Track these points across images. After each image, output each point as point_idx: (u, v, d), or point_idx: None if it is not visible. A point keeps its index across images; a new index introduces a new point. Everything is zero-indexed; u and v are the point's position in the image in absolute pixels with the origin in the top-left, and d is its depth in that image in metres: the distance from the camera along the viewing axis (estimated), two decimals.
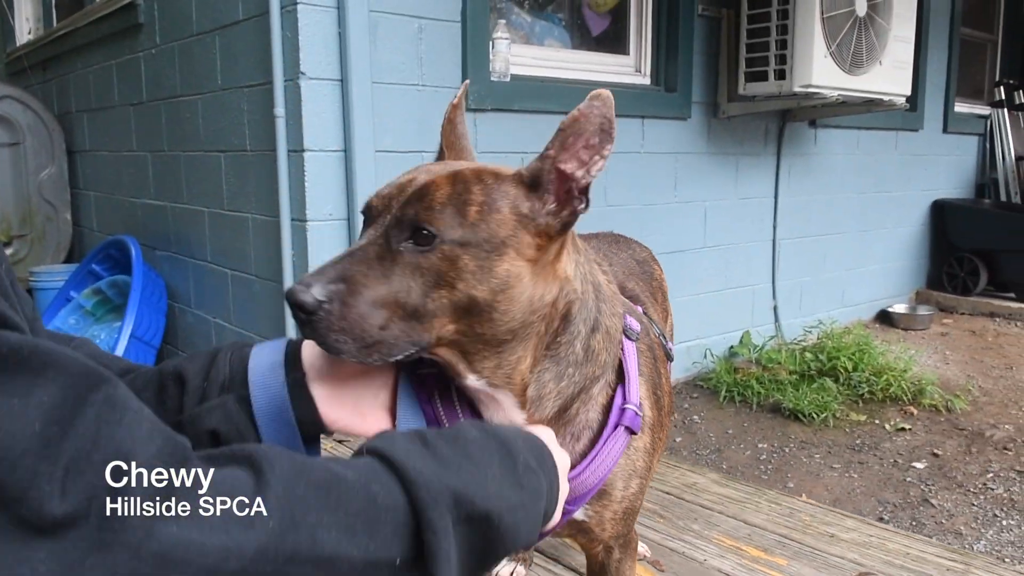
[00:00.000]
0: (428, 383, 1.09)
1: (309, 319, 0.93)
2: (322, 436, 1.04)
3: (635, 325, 1.24)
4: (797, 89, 4.00)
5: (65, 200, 5.08)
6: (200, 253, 3.79)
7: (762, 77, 4.12)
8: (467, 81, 1.19)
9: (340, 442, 2.82)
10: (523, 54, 3.70)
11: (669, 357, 1.42)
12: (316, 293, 0.93)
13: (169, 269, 4.09)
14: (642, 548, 2.01)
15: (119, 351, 3.63)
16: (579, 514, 1.17)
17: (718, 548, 2.04)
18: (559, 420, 1.12)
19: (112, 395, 0.59)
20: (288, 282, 3.12)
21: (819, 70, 3.97)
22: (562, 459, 0.99)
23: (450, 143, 1.16)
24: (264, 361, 0.99)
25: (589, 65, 3.99)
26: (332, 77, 3.01)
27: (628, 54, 4.18)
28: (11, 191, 4.87)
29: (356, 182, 3.04)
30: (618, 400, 1.15)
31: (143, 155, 4.21)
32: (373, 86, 3.06)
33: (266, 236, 3.26)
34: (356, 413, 1.03)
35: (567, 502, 1.09)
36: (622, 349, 1.18)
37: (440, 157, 1.16)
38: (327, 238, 3.09)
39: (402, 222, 0.99)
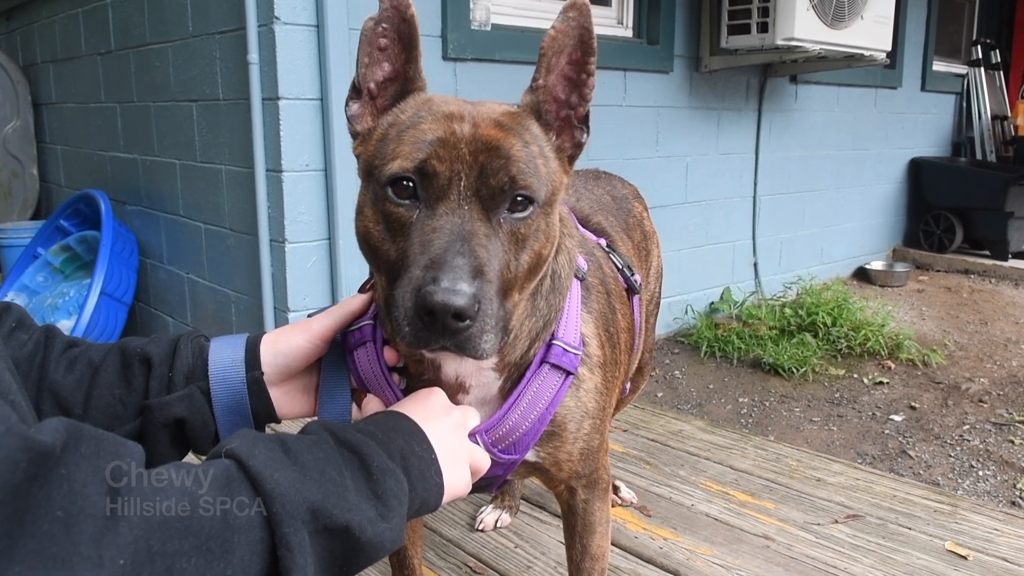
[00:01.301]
0: (360, 362, 1.07)
1: (463, 328, 0.82)
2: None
3: (581, 262, 1.18)
4: (779, 42, 3.97)
5: (31, 154, 4.94)
6: (172, 207, 3.70)
7: (745, 30, 4.07)
8: None
9: None
10: (504, 3, 3.61)
11: (633, 290, 1.36)
12: (468, 291, 0.80)
13: (140, 224, 4.00)
14: (628, 494, 1.99)
15: (89, 308, 3.55)
16: (532, 455, 1.11)
17: (705, 493, 2.03)
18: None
19: None
20: (264, 235, 3.05)
21: (801, 23, 3.94)
22: (457, 418, 0.98)
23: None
24: (224, 356, 1.02)
25: None
26: (308, 23, 2.92)
27: (610, 5, 4.11)
28: None
29: (333, 131, 2.97)
30: (546, 337, 1.08)
31: (112, 106, 4.08)
32: (350, 32, 2.98)
33: (240, 188, 3.18)
34: (306, 402, 1.10)
35: (504, 450, 1.06)
36: None
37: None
38: (304, 189, 3.02)
39: (503, 192, 0.89)
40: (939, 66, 6.47)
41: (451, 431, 0.96)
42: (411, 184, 0.89)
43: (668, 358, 4.27)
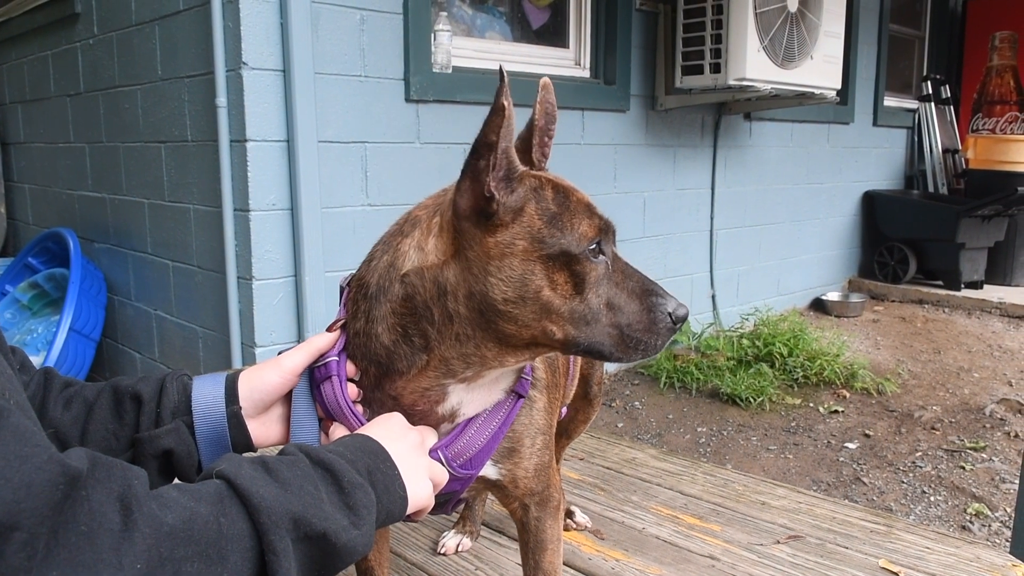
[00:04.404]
0: (327, 394, 1.17)
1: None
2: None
3: None
4: (731, 82, 4.13)
5: None
6: (140, 245, 3.76)
7: (698, 71, 4.23)
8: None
9: None
10: (465, 46, 3.74)
11: None
12: None
13: (108, 262, 4.04)
14: (583, 519, 2.07)
15: (57, 345, 3.59)
16: (493, 473, 1.23)
17: (656, 517, 2.11)
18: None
19: (17, 425, 0.63)
20: (232, 272, 3.12)
21: (752, 64, 4.10)
22: (415, 438, 1.09)
23: None
24: (206, 393, 1.12)
25: (530, 58, 4.06)
26: (274, 67, 3.02)
27: (568, 47, 4.26)
28: None
29: (299, 172, 3.06)
30: None
31: (80, 146, 4.14)
32: (316, 76, 3.08)
33: (208, 226, 3.25)
34: (279, 432, 1.19)
35: (462, 466, 1.17)
36: None
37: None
38: (270, 228, 3.09)
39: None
40: (890, 101, 6.70)
41: (411, 449, 1.06)
42: (597, 244, 1.08)
43: (628, 389, 4.36)
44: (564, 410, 1.69)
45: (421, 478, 1.04)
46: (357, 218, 3.29)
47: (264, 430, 1.18)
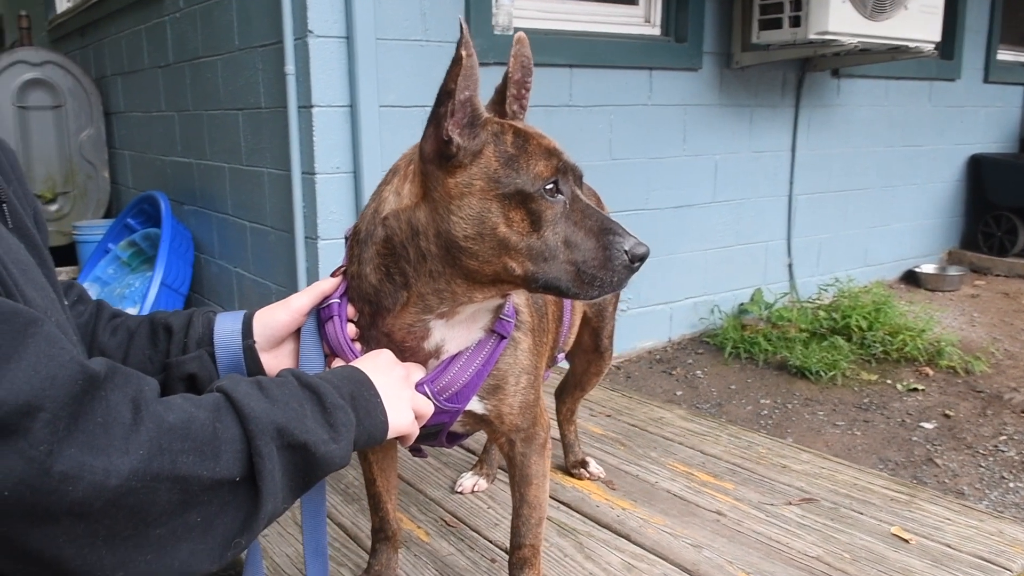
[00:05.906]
0: (328, 333, 1.29)
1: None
2: None
3: None
4: (812, 36, 3.88)
5: (103, 159, 5.37)
6: (222, 207, 3.97)
7: (776, 24, 4.01)
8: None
9: None
10: (527, 6, 3.72)
11: None
12: None
13: (195, 222, 4.30)
14: (597, 469, 2.13)
15: (150, 298, 3.88)
16: (479, 408, 1.32)
17: (670, 473, 2.13)
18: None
19: (49, 332, 0.78)
20: (300, 232, 3.27)
21: (837, 16, 3.84)
22: (400, 372, 1.19)
23: None
24: (226, 328, 1.30)
25: (596, 16, 3.98)
26: (338, 35, 3.10)
27: (637, 4, 4.13)
28: (55, 152, 5.17)
29: (361, 136, 3.15)
30: None
31: (171, 115, 4.40)
32: (377, 42, 3.15)
33: (279, 189, 3.40)
34: (289, 365, 1.34)
35: (448, 399, 1.28)
36: None
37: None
38: (334, 190, 3.21)
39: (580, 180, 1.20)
40: (1005, 55, 6.17)
41: (396, 381, 1.17)
42: (554, 184, 1.13)
43: (691, 358, 4.27)
44: (561, 356, 1.74)
45: (403, 408, 1.15)
46: None
47: (276, 362, 1.32)
